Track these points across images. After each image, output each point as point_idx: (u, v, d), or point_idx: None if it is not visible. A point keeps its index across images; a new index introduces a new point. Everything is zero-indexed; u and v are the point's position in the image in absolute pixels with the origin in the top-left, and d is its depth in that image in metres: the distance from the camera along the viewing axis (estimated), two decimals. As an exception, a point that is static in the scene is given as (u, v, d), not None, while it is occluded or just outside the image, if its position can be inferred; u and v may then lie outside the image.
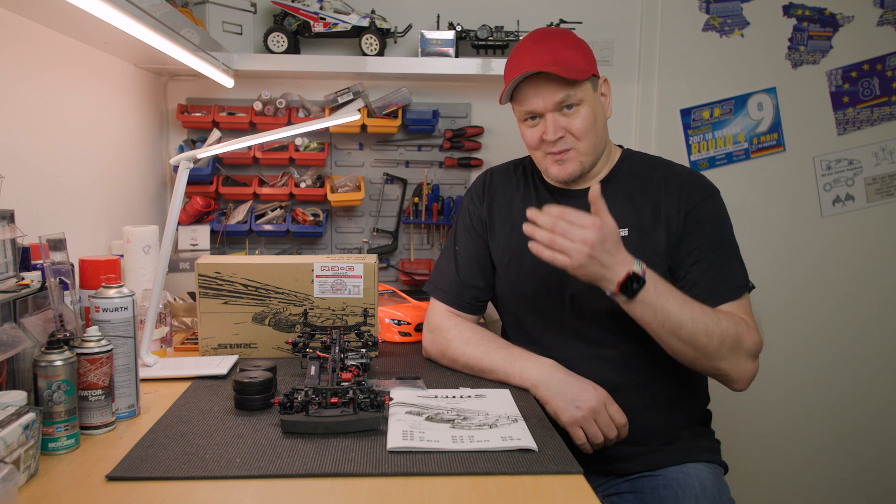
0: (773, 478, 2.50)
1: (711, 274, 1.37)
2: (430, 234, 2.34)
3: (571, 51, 1.39)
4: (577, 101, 1.38)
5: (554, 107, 1.38)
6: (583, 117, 1.39)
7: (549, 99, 1.38)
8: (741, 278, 1.39)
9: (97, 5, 1.10)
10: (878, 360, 2.47)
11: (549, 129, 1.39)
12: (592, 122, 1.40)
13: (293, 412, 1.11)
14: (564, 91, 1.37)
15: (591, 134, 1.40)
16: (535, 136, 1.43)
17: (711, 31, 2.34)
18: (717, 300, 1.34)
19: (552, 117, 1.39)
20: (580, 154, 1.42)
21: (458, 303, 1.53)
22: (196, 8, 1.99)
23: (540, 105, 1.39)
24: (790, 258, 2.42)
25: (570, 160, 1.42)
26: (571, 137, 1.40)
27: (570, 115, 1.39)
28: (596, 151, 1.44)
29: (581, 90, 1.38)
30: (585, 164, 1.43)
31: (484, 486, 0.94)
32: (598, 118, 1.42)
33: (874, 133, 2.40)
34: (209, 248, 2.16)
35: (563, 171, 1.43)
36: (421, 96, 2.29)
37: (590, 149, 1.42)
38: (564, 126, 1.39)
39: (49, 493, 0.91)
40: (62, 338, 1.04)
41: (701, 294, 1.33)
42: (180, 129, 2.25)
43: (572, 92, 1.37)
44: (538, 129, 1.42)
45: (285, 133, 1.54)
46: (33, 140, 1.43)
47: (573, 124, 1.39)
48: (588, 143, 1.41)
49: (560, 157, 1.42)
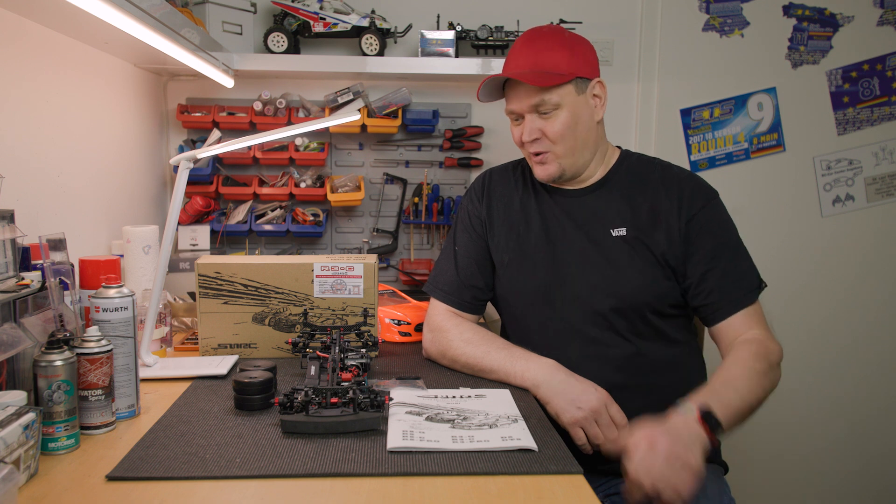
0: (773, 478, 2.50)
1: (725, 282, 1.40)
2: (430, 234, 2.34)
3: (557, 53, 1.40)
4: (553, 106, 1.40)
5: (529, 109, 1.41)
6: (559, 121, 1.40)
7: (525, 102, 1.41)
8: (753, 280, 1.42)
9: (97, 5, 1.10)
10: (879, 359, 2.47)
11: (525, 130, 1.43)
12: (571, 125, 1.41)
13: (293, 412, 1.11)
14: (538, 96, 1.39)
15: (567, 138, 1.42)
16: (517, 135, 1.47)
17: (711, 31, 2.34)
18: (734, 307, 1.38)
19: (529, 119, 1.42)
20: (557, 157, 1.43)
21: (458, 303, 1.53)
22: (196, 8, 1.99)
23: (517, 107, 1.43)
24: (790, 258, 2.42)
25: (548, 162, 1.45)
26: (547, 140, 1.42)
27: (546, 118, 1.41)
28: (577, 154, 1.44)
29: (558, 94, 1.39)
30: (565, 166, 1.44)
31: (484, 486, 0.94)
32: (579, 121, 1.42)
33: (874, 133, 2.40)
34: (209, 248, 2.16)
35: (543, 172, 1.46)
36: (421, 96, 2.29)
37: (567, 152, 1.43)
38: (540, 128, 1.42)
39: (49, 493, 0.90)
40: (62, 338, 1.04)
41: (719, 303, 1.38)
42: (180, 129, 2.25)
43: (547, 97, 1.39)
44: (519, 129, 1.46)
45: (285, 133, 1.54)
46: (33, 140, 1.43)
47: (548, 128, 1.41)
48: (565, 146, 1.42)
49: (540, 160, 1.45)
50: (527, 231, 1.51)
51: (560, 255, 1.46)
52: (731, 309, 1.39)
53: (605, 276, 1.42)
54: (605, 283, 1.42)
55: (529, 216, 1.52)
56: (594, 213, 1.47)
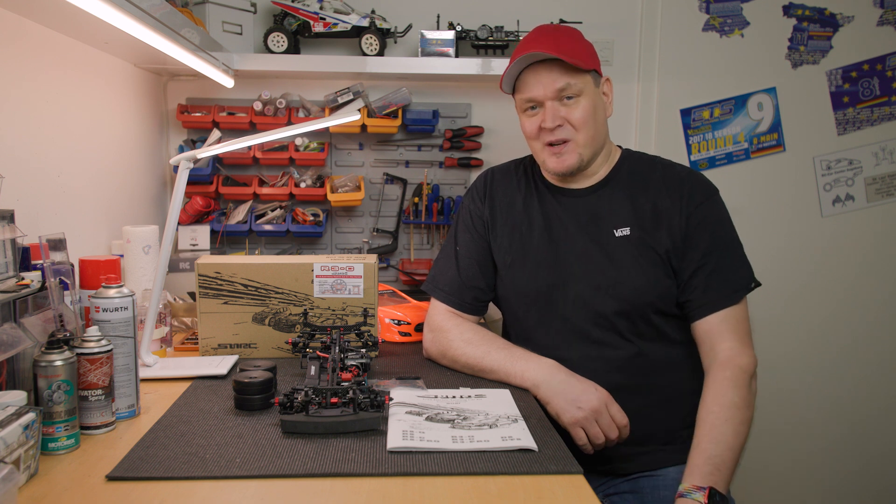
0: (774, 478, 2.50)
1: (712, 280, 1.39)
2: (430, 234, 2.34)
3: (577, 44, 1.42)
4: (577, 92, 1.39)
5: (554, 94, 1.39)
6: (582, 108, 1.40)
7: (550, 86, 1.39)
8: (741, 280, 1.41)
9: (97, 5, 1.10)
10: (878, 359, 2.47)
11: (547, 116, 1.40)
12: (592, 114, 1.41)
13: (293, 412, 1.11)
14: (565, 79, 1.38)
15: (589, 126, 1.41)
16: (534, 125, 1.43)
17: (711, 31, 2.34)
18: (712, 307, 1.38)
19: (551, 105, 1.40)
20: (578, 146, 1.42)
21: (459, 303, 1.53)
22: (196, 8, 1.99)
23: (540, 92, 1.40)
24: (790, 258, 2.42)
25: (567, 152, 1.42)
26: (570, 127, 1.41)
27: (569, 104, 1.40)
28: (594, 145, 1.44)
29: (582, 81, 1.39)
30: (584, 156, 1.43)
31: (484, 486, 0.94)
32: (597, 112, 1.43)
33: (874, 133, 2.40)
34: (209, 248, 2.16)
35: (560, 164, 1.43)
36: (421, 96, 2.29)
37: (588, 141, 1.42)
38: (563, 115, 1.40)
39: (49, 493, 0.91)
40: (62, 338, 1.04)
41: (700, 300, 1.38)
42: (180, 129, 2.25)
43: (573, 81, 1.38)
44: (537, 119, 1.43)
45: (285, 133, 1.54)
46: (33, 140, 1.43)
47: (572, 114, 1.40)
48: (586, 134, 1.41)
49: (558, 150, 1.43)
50: (529, 231, 1.50)
51: (563, 256, 1.46)
52: (709, 308, 1.38)
53: (608, 277, 1.42)
54: (609, 284, 1.42)
55: (532, 216, 1.51)
56: (597, 213, 1.47)
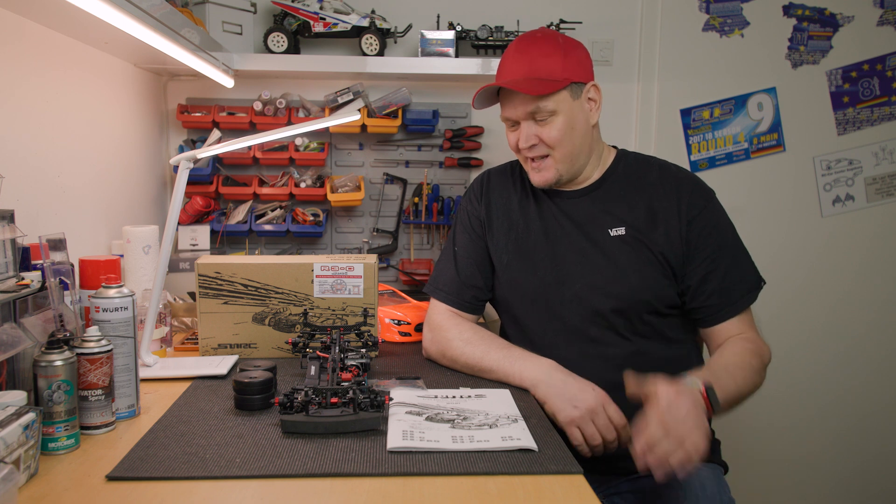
0: (773, 478, 2.50)
1: (725, 285, 1.41)
2: (430, 234, 2.34)
3: (550, 59, 1.40)
4: (549, 113, 1.40)
5: (526, 116, 1.42)
6: (556, 127, 1.41)
7: (520, 109, 1.41)
8: (752, 280, 1.44)
9: (97, 5, 1.10)
10: (878, 359, 2.47)
11: (521, 136, 1.43)
12: (567, 130, 1.41)
13: (293, 412, 1.11)
14: (533, 104, 1.39)
15: (565, 143, 1.42)
16: (513, 141, 1.47)
17: (711, 31, 2.34)
18: (733, 311, 1.41)
19: (525, 125, 1.43)
20: (556, 161, 1.44)
21: (458, 302, 1.53)
22: (196, 8, 1.99)
23: (513, 114, 1.44)
24: (790, 258, 2.42)
25: (546, 168, 1.45)
26: (544, 146, 1.43)
27: (543, 124, 1.42)
28: (574, 159, 1.45)
29: (553, 101, 1.39)
30: (562, 171, 1.45)
31: (484, 486, 0.94)
32: (575, 126, 1.43)
33: (874, 133, 2.40)
34: (209, 248, 2.16)
35: (539, 178, 1.47)
36: (421, 96, 2.29)
37: (565, 156, 1.43)
38: (536, 134, 1.42)
39: (49, 493, 0.91)
40: (62, 338, 1.04)
41: (718, 306, 1.41)
42: (180, 129, 2.25)
43: (543, 104, 1.39)
44: (516, 135, 1.46)
45: (285, 133, 1.54)
46: (33, 140, 1.43)
47: (545, 133, 1.42)
48: (562, 151, 1.43)
49: (537, 165, 1.46)
50: (526, 232, 1.51)
51: (559, 256, 1.46)
52: (730, 312, 1.41)
53: (604, 275, 1.43)
54: (605, 282, 1.42)
55: (528, 217, 1.52)
56: (592, 213, 1.47)
